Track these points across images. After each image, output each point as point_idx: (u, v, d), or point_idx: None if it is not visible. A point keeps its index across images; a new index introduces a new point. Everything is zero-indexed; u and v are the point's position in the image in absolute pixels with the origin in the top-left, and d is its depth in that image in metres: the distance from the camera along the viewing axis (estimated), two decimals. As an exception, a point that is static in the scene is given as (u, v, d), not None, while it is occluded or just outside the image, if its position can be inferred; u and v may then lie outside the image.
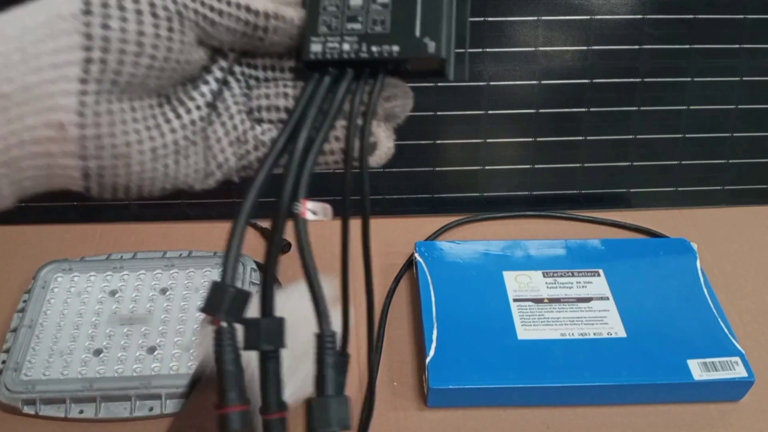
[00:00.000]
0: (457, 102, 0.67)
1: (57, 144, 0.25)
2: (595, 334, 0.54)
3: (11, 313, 0.57)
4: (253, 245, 0.57)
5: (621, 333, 0.54)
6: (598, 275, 0.60)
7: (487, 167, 0.70)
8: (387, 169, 0.69)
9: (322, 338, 0.27)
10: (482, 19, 0.63)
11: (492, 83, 0.66)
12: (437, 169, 0.70)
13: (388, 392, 0.53)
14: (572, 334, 0.54)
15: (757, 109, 0.69)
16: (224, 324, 0.26)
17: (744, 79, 0.68)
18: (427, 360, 0.52)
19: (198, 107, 0.29)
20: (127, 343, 0.54)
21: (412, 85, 0.32)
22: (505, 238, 0.64)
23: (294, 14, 0.29)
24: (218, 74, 0.30)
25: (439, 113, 0.67)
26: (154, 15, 0.26)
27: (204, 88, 0.30)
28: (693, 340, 0.54)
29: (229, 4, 0.28)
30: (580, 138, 0.69)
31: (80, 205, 0.69)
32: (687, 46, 0.66)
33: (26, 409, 0.50)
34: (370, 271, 0.32)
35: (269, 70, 0.31)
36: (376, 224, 0.69)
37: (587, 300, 0.57)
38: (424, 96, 0.66)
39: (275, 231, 0.28)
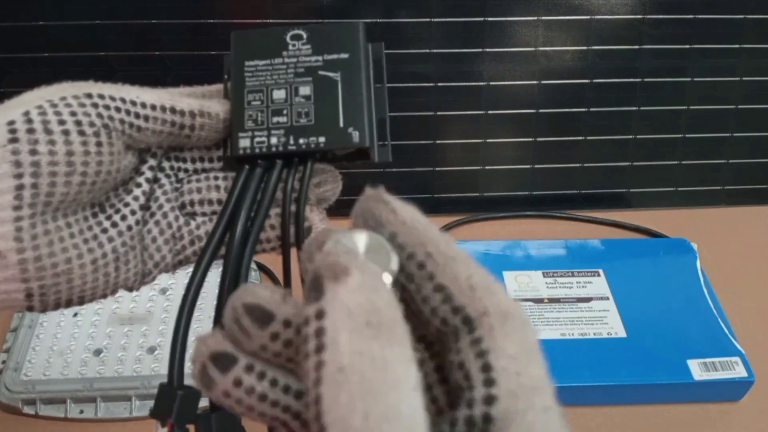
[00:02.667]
0: (457, 102, 0.67)
1: None
2: (595, 334, 0.54)
3: (11, 313, 0.57)
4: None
5: (621, 333, 0.54)
6: (598, 275, 0.59)
7: (487, 167, 0.70)
8: (387, 169, 0.69)
9: None
10: (482, 19, 0.63)
11: (492, 83, 0.66)
12: (437, 169, 0.70)
13: (388, 392, 0.53)
14: (572, 334, 0.54)
15: (757, 109, 0.69)
16: (176, 428, 0.26)
17: (744, 79, 0.68)
18: (427, 360, 0.52)
19: (133, 212, 0.29)
20: (127, 343, 0.54)
21: (410, 85, 0.33)
22: (505, 238, 0.64)
23: (219, 108, 0.30)
24: (148, 174, 0.30)
25: (439, 113, 0.67)
26: (81, 133, 0.26)
27: (136, 191, 0.30)
28: (693, 340, 0.54)
29: (153, 108, 0.28)
30: (580, 138, 0.69)
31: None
32: (687, 46, 0.66)
33: (26, 409, 0.50)
34: None
35: (198, 162, 0.31)
36: (376, 224, 0.69)
37: (587, 300, 0.57)
38: (424, 96, 0.66)
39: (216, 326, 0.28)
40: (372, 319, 0.17)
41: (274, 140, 0.29)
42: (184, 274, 0.59)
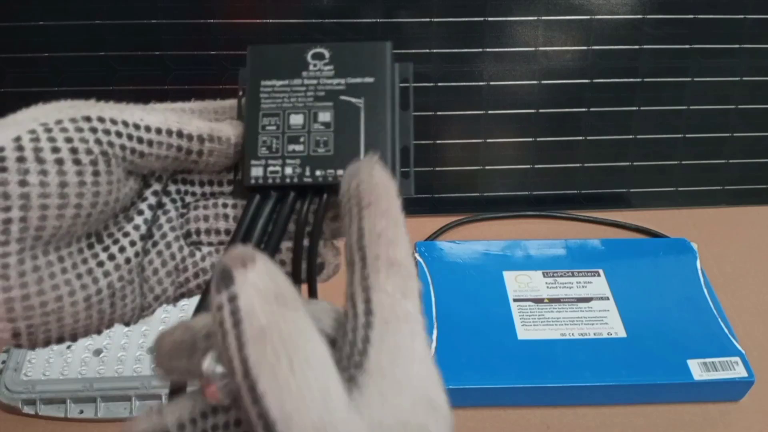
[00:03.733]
0: (457, 102, 0.67)
1: None
2: (595, 334, 0.54)
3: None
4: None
5: (621, 333, 0.54)
6: (598, 275, 0.59)
7: (487, 167, 0.70)
8: (387, 169, 0.69)
9: None
10: (482, 19, 0.63)
11: (492, 83, 0.66)
12: (437, 169, 0.70)
13: (388, 392, 0.53)
14: (572, 334, 0.54)
15: (757, 109, 0.69)
16: None
17: (744, 79, 0.68)
18: (427, 360, 0.52)
19: (132, 243, 0.27)
20: (127, 343, 0.54)
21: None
22: (505, 238, 0.64)
23: (230, 132, 0.28)
24: (152, 199, 0.28)
25: (439, 113, 0.67)
26: (77, 161, 0.24)
27: (138, 219, 0.28)
28: (693, 340, 0.54)
29: (159, 131, 0.26)
30: (580, 138, 0.69)
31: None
32: (687, 46, 0.66)
33: (26, 409, 0.50)
34: None
35: (206, 185, 0.29)
36: (376, 224, 0.69)
37: (587, 300, 0.57)
38: (424, 96, 0.66)
39: None
40: (278, 294, 0.19)
41: (288, 170, 0.27)
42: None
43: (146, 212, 0.28)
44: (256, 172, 0.28)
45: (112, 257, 0.27)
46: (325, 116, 0.28)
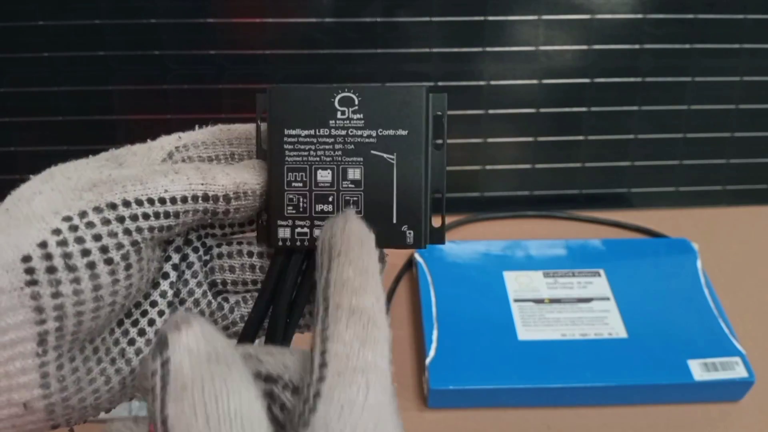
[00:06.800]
0: (457, 102, 0.67)
1: (22, 418, 0.23)
2: (595, 334, 0.54)
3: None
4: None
5: (622, 333, 0.54)
6: (599, 275, 0.59)
7: (487, 167, 0.70)
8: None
9: None
10: (483, 18, 0.63)
11: (492, 82, 0.66)
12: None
13: (389, 392, 0.53)
14: (573, 335, 0.54)
15: (757, 109, 0.69)
16: None
17: (744, 79, 0.68)
18: (427, 361, 0.52)
19: (161, 312, 0.26)
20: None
21: (411, 85, 0.32)
22: (505, 238, 0.64)
23: (255, 183, 0.26)
24: (175, 258, 0.27)
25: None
26: (109, 261, 0.23)
27: (164, 284, 0.27)
28: (693, 340, 0.54)
29: (185, 200, 0.24)
30: (581, 138, 0.69)
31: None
32: (687, 46, 0.66)
33: (26, 410, 0.50)
34: None
35: (227, 227, 0.29)
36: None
37: (588, 300, 0.57)
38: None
39: None
40: (212, 353, 0.18)
41: (317, 233, 0.26)
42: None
43: (171, 274, 0.27)
44: (284, 233, 0.26)
45: (142, 332, 0.26)
46: (354, 173, 0.26)
